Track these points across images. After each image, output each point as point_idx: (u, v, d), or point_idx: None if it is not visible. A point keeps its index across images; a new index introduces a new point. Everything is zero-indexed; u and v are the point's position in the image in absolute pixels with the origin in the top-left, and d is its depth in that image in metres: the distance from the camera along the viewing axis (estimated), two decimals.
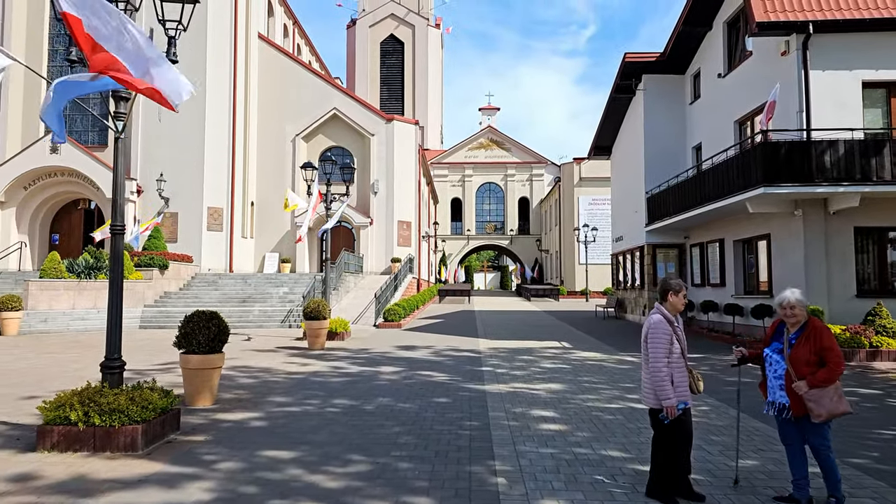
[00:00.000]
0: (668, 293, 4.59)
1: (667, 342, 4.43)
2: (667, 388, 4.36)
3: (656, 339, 4.44)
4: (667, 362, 4.41)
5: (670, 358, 4.43)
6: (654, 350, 4.44)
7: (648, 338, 4.51)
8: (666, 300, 4.60)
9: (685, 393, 4.45)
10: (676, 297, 4.58)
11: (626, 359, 12.50)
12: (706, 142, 18.38)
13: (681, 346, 4.50)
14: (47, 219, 28.22)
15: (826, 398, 4.25)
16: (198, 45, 26.43)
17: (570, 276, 45.79)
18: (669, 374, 4.40)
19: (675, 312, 4.59)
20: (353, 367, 11.22)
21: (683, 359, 4.51)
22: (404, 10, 58.33)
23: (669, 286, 4.60)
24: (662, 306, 4.59)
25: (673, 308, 4.58)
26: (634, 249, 22.25)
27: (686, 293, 4.64)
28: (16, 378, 9.98)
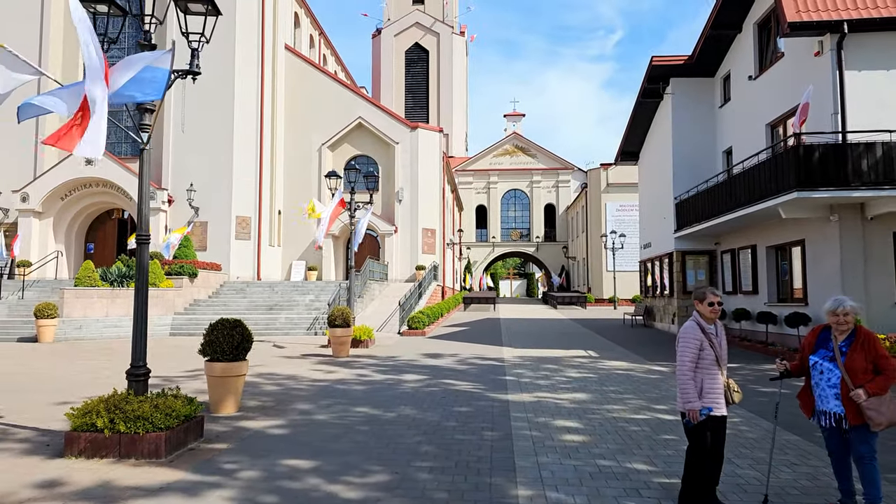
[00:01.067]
0: (695, 301, 4.63)
1: (694, 347, 4.43)
2: (689, 391, 4.37)
3: (684, 343, 4.48)
4: (692, 367, 4.42)
5: (701, 364, 4.43)
6: (680, 353, 4.48)
7: (679, 342, 4.55)
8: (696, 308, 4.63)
9: (717, 401, 4.41)
10: (701, 305, 4.57)
11: (655, 368, 12.25)
12: (737, 146, 18.01)
13: (715, 354, 4.46)
14: (83, 228, 28.95)
15: (884, 406, 4.16)
16: (226, 56, 26.93)
17: (598, 284, 45.27)
18: (696, 379, 4.40)
19: (706, 320, 4.53)
20: (377, 375, 11.21)
21: (718, 367, 4.46)
22: (429, 18, 58.66)
23: (694, 294, 4.69)
24: (698, 315, 4.60)
25: (701, 316, 4.55)
26: (663, 256, 21.88)
27: (715, 300, 4.56)
28: (49, 384, 10.19)
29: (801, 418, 7.39)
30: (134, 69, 5.61)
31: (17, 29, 27.34)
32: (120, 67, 5.65)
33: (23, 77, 5.70)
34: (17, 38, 26.94)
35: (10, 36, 26.84)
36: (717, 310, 4.54)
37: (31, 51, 27.07)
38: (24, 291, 22.27)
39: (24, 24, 27.59)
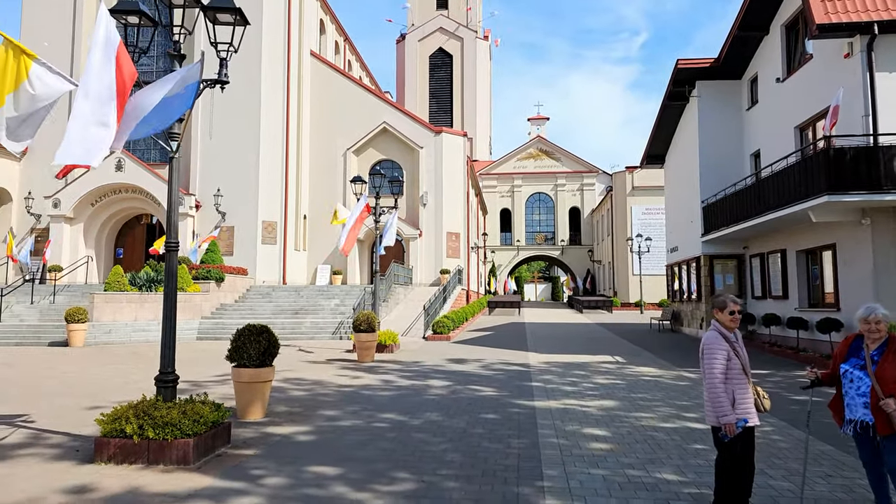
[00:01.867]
0: (714, 310, 4.56)
1: (722, 357, 4.34)
2: (724, 404, 4.27)
3: (711, 355, 4.38)
4: (723, 378, 4.32)
5: (729, 374, 4.34)
6: (709, 366, 4.38)
7: (704, 354, 4.46)
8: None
9: (749, 410, 4.33)
10: (721, 313, 4.49)
11: (684, 374, 12.05)
12: (765, 149, 17.68)
13: (741, 362, 4.38)
14: (112, 233, 29.55)
15: None
16: (252, 64, 27.30)
17: (624, 288, 44.79)
18: (727, 390, 4.31)
19: (727, 329, 4.46)
20: (402, 381, 11.21)
21: (745, 375, 4.39)
22: (453, 23, 58.81)
23: (714, 303, 4.59)
24: (718, 323, 4.52)
25: (721, 324, 4.47)
26: (690, 260, 21.55)
27: (735, 308, 4.48)
28: (80, 389, 10.40)
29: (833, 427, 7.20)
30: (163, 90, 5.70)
31: (49, 40, 28.07)
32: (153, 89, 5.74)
33: (61, 87, 5.82)
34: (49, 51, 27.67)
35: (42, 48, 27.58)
36: (738, 318, 4.48)
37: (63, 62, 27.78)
38: (56, 296, 22.80)
39: (56, 36, 28.31)
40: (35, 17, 28.64)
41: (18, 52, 5.49)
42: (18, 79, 5.48)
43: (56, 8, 28.55)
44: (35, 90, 5.54)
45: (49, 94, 5.67)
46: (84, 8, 28.53)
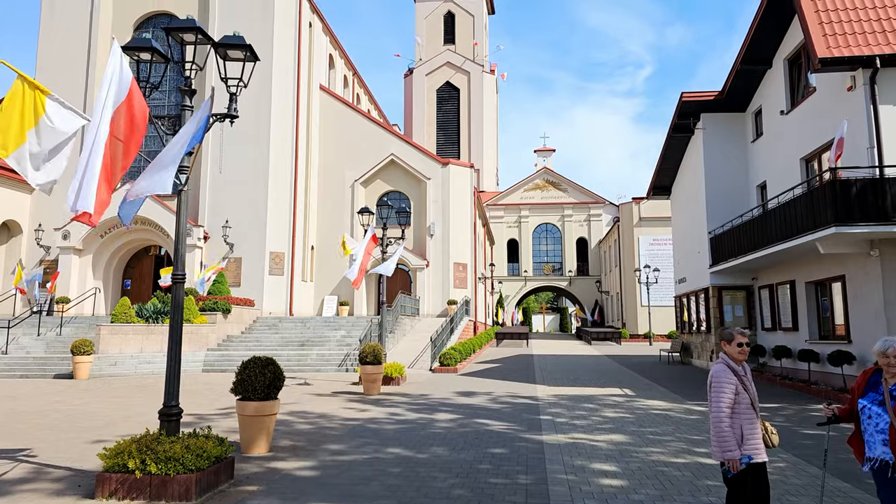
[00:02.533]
0: (722, 342, 4.48)
1: (729, 391, 4.25)
2: (727, 440, 4.15)
3: (718, 388, 4.28)
4: (729, 413, 4.23)
5: (737, 409, 4.25)
6: (715, 399, 4.28)
7: (711, 387, 4.37)
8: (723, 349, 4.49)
9: (757, 446, 4.22)
10: (729, 346, 4.41)
11: (695, 408, 11.86)
12: (771, 180, 17.69)
13: (749, 397, 4.30)
14: (121, 265, 29.72)
15: None
16: (262, 97, 27.78)
17: (633, 319, 44.44)
18: (733, 425, 4.21)
19: (735, 361, 4.39)
20: (409, 414, 11.08)
21: (754, 409, 4.29)
22: (460, 58, 59.80)
23: (721, 335, 4.52)
24: (725, 355, 4.44)
25: (730, 357, 4.40)
26: (699, 291, 21.40)
27: (743, 341, 4.41)
28: (84, 422, 10.33)
29: (851, 464, 7.03)
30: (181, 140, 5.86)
31: (63, 77, 28.73)
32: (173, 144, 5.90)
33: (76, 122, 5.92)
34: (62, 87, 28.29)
35: (57, 84, 28.21)
36: (746, 351, 4.40)
37: (77, 98, 28.38)
38: (62, 328, 22.83)
39: (71, 73, 28.96)
40: (50, 53, 29.35)
41: (33, 87, 5.61)
42: (37, 114, 5.58)
43: (70, 45, 29.26)
44: (54, 124, 5.64)
45: (67, 127, 5.77)
46: (98, 45, 29.21)
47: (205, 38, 6.80)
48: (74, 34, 29.37)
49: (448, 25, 61.04)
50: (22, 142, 5.44)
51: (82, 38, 29.33)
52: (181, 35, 6.74)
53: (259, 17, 28.61)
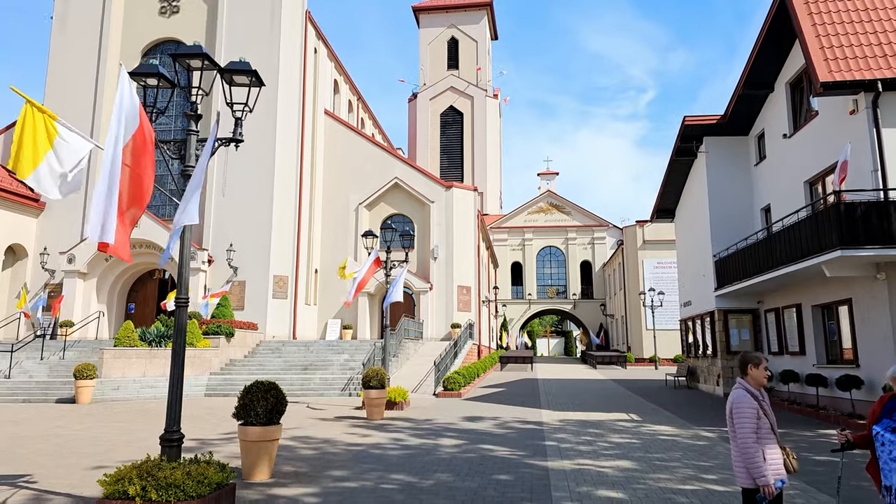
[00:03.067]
0: (749, 366, 4.41)
1: (752, 416, 4.22)
2: (760, 465, 4.11)
3: (741, 415, 4.24)
4: (756, 438, 4.18)
5: (758, 434, 4.21)
6: (740, 427, 4.23)
7: (733, 414, 4.31)
8: (747, 374, 4.41)
9: (780, 471, 4.19)
10: (757, 369, 4.38)
11: (702, 434, 11.69)
12: (775, 203, 17.69)
13: (769, 421, 4.27)
14: (125, 289, 29.75)
15: None
16: (267, 122, 28.06)
17: (638, 343, 44.14)
18: (760, 450, 4.16)
19: (758, 386, 4.36)
20: (412, 440, 10.95)
21: (774, 434, 4.26)
22: (463, 83, 60.44)
23: (748, 359, 4.44)
24: (745, 380, 4.39)
25: (755, 382, 4.37)
26: (704, 315, 21.26)
27: (767, 365, 4.38)
28: (85, 447, 10.23)
29: (865, 491, 6.89)
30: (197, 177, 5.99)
31: (72, 103, 29.13)
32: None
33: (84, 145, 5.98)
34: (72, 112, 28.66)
35: (66, 109, 28.58)
36: (768, 374, 4.41)
37: (84, 124, 28.74)
38: (66, 351, 22.77)
39: (79, 99, 29.36)
40: (59, 80, 29.78)
41: (41, 112, 5.69)
42: (50, 136, 5.70)
43: (79, 72, 29.70)
44: (69, 142, 5.77)
45: (79, 149, 5.88)
46: (107, 71, 29.64)
47: (211, 64, 6.88)
48: (83, 61, 29.84)
49: (451, 51, 61.81)
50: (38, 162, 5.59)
51: (91, 64, 29.79)
52: (188, 61, 6.82)
53: (265, 44, 29.03)
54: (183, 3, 30.49)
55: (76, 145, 5.87)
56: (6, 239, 27.05)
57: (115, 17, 30.29)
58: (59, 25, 30.51)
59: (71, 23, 30.38)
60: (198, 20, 30.26)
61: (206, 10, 30.30)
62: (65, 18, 30.50)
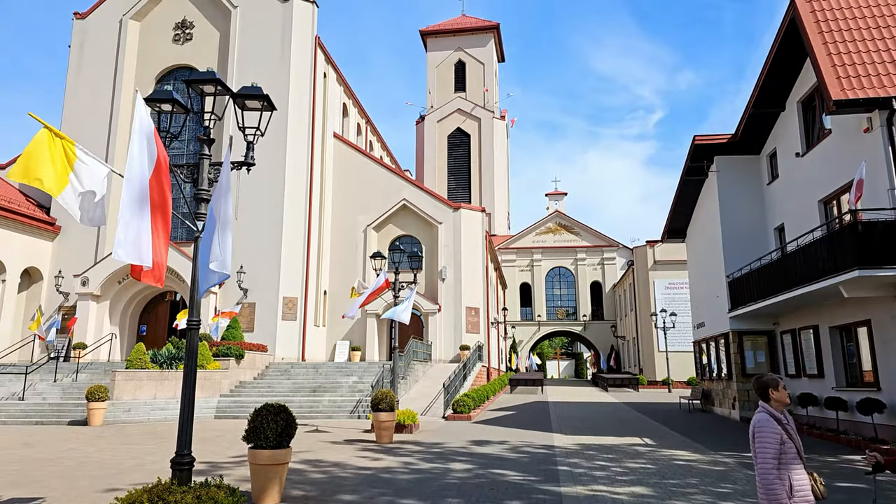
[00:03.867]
0: (769, 390, 4.27)
1: (775, 442, 4.07)
2: (778, 494, 3.97)
3: (763, 440, 4.09)
4: (776, 464, 4.04)
5: (784, 459, 4.06)
6: (761, 452, 4.08)
7: (755, 438, 4.17)
8: (769, 398, 4.27)
9: (807, 498, 4.03)
10: (778, 391, 4.24)
11: (720, 459, 11.45)
12: (789, 223, 17.54)
13: (795, 445, 4.11)
14: (137, 311, 29.87)
15: None
16: (278, 145, 28.34)
17: (650, 365, 43.62)
18: (781, 476, 4.02)
19: (781, 408, 4.23)
20: (422, 464, 10.80)
21: (800, 459, 4.10)
22: (470, 104, 60.94)
23: (768, 383, 4.29)
24: (767, 404, 4.26)
25: (778, 404, 4.23)
26: (718, 337, 21.00)
27: (785, 384, 4.26)
28: (96, 470, 10.17)
29: None
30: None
31: (88, 128, 29.61)
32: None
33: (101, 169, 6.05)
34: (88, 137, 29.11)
35: (83, 135, 29.03)
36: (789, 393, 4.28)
37: (100, 148, 29.17)
38: (78, 374, 22.80)
39: (95, 125, 29.85)
40: (76, 106, 30.32)
41: (59, 137, 5.76)
42: (70, 160, 5.77)
43: (95, 98, 30.25)
44: (89, 165, 5.85)
45: (98, 172, 5.95)
46: (122, 97, 30.14)
47: (224, 90, 6.95)
48: (99, 87, 30.41)
49: (459, 73, 62.45)
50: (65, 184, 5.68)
51: (107, 91, 30.34)
52: (202, 87, 6.90)
53: (276, 69, 29.45)
54: (196, 31, 31.07)
55: (95, 169, 5.95)
56: (22, 262, 27.31)
57: (130, 44, 30.90)
58: (77, 53, 31.15)
59: (88, 51, 31.02)
60: (210, 47, 30.80)
61: (219, 37, 30.85)
62: (82, 46, 31.15)
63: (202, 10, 31.26)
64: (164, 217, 5.89)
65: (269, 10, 30.37)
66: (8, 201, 26.76)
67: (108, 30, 31.05)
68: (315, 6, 31.20)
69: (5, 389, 20.43)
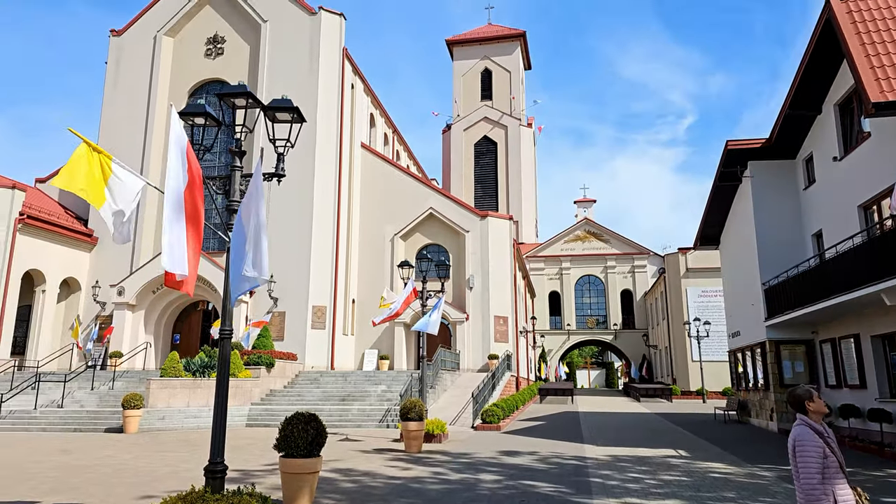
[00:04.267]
0: (804, 402, 4.14)
1: (818, 455, 3.93)
2: None
3: (805, 454, 3.95)
4: (821, 479, 3.89)
5: (827, 473, 3.92)
6: (803, 467, 3.95)
7: (796, 452, 4.04)
8: (806, 410, 4.14)
9: None
10: (813, 402, 4.11)
11: (758, 472, 11.13)
12: (827, 229, 17.07)
13: (837, 459, 3.98)
14: (171, 320, 30.45)
15: None
16: (307, 156, 28.70)
17: (683, 375, 42.78)
18: (826, 492, 3.88)
19: (819, 419, 4.10)
20: (452, 474, 10.72)
21: (843, 472, 3.97)
22: (497, 112, 60.94)
23: (801, 395, 4.17)
24: (805, 416, 4.12)
25: (817, 415, 4.10)
26: (754, 346, 20.49)
27: (819, 395, 4.12)
28: (132, 477, 10.34)
29: None
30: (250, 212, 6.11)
31: (124, 142, 30.43)
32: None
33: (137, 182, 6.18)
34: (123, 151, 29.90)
35: (119, 148, 29.83)
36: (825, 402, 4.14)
37: (135, 161, 29.95)
38: (114, 382, 23.28)
39: (130, 138, 30.66)
40: (112, 121, 31.19)
41: (97, 152, 5.91)
42: (105, 175, 5.92)
43: (131, 113, 31.08)
44: (123, 180, 5.99)
45: (133, 187, 6.08)
46: (156, 111, 30.91)
47: (255, 103, 7.05)
48: (135, 102, 31.25)
49: (485, 82, 62.54)
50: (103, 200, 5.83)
51: (141, 105, 31.16)
52: (233, 100, 7.00)
53: (304, 81, 29.88)
54: (227, 45, 31.74)
55: (129, 184, 6.08)
56: (61, 273, 28.10)
57: (164, 60, 31.71)
58: (113, 69, 32.08)
59: (124, 66, 31.91)
60: (241, 60, 31.42)
61: (249, 51, 31.45)
62: (118, 62, 32.06)
63: (233, 25, 31.94)
64: (197, 228, 5.98)
65: (297, 22, 30.87)
66: (49, 214, 27.60)
67: (143, 46, 31.92)
68: (342, 18, 31.61)
69: (45, 397, 20.97)
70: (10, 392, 21.04)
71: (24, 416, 19.32)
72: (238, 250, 6.04)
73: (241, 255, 5.98)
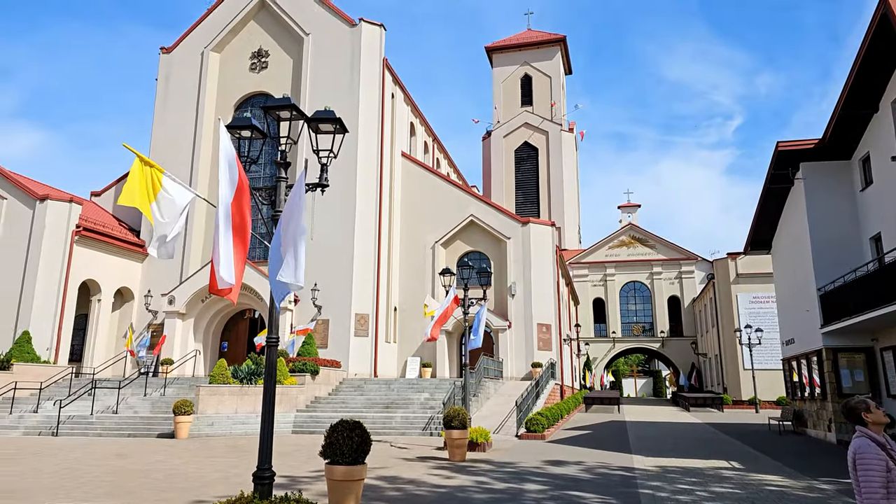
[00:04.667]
0: (862, 413, 3.95)
1: (881, 469, 3.72)
2: None
3: (867, 467, 3.75)
4: (885, 493, 3.69)
5: (891, 488, 3.71)
6: (865, 481, 3.75)
7: (857, 466, 3.84)
8: (864, 422, 3.94)
9: None
10: (871, 413, 3.92)
11: (816, 485, 10.66)
12: (886, 231, 16.32)
13: None
14: (219, 328, 31.23)
15: None
16: (348, 166, 29.10)
17: (735, 384, 41.43)
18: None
19: (881, 431, 3.89)
20: (497, 484, 10.62)
21: None
22: (538, 118, 60.62)
23: (857, 407, 3.99)
24: (865, 428, 3.92)
25: (877, 426, 3.90)
26: (810, 354, 19.70)
27: (877, 405, 3.92)
28: (183, 482, 10.60)
29: None
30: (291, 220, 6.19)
31: (173, 155, 31.48)
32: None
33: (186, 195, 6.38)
34: (173, 163, 30.92)
35: (168, 161, 30.86)
36: (884, 411, 3.92)
37: (184, 173, 30.95)
38: (166, 388, 24.01)
39: (179, 151, 31.70)
40: (162, 135, 32.32)
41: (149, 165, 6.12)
42: (155, 189, 6.13)
43: (180, 127, 32.15)
44: (172, 195, 6.19)
45: (181, 200, 6.27)
46: (203, 125, 31.90)
47: (298, 114, 7.17)
48: (183, 116, 32.31)
49: (525, 88, 62.32)
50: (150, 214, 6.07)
51: (190, 119, 32.19)
52: (278, 112, 7.15)
53: (346, 91, 30.35)
54: (271, 59, 32.55)
55: (178, 200, 6.27)
56: (115, 282, 29.20)
57: (211, 74, 32.72)
58: (163, 85, 33.27)
59: (173, 82, 33.07)
60: (284, 73, 32.16)
61: (292, 64, 32.17)
62: (168, 78, 33.24)
63: (276, 39, 32.73)
64: (243, 238, 6.11)
65: (338, 34, 31.42)
66: (103, 226, 28.74)
67: (191, 62, 33.01)
68: (382, 29, 32.02)
69: (101, 403, 21.75)
70: (69, 398, 21.91)
71: (82, 421, 20.07)
72: (275, 255, 6.12)
73: (278, 261, 6.05)
